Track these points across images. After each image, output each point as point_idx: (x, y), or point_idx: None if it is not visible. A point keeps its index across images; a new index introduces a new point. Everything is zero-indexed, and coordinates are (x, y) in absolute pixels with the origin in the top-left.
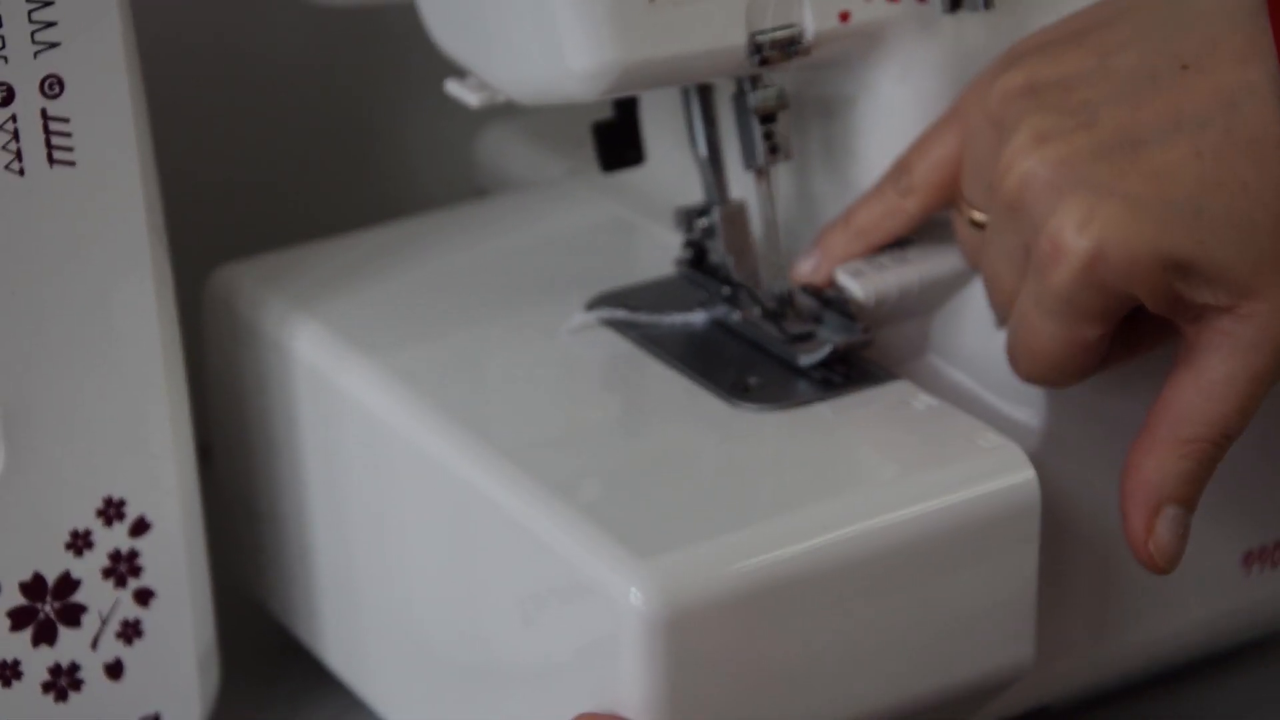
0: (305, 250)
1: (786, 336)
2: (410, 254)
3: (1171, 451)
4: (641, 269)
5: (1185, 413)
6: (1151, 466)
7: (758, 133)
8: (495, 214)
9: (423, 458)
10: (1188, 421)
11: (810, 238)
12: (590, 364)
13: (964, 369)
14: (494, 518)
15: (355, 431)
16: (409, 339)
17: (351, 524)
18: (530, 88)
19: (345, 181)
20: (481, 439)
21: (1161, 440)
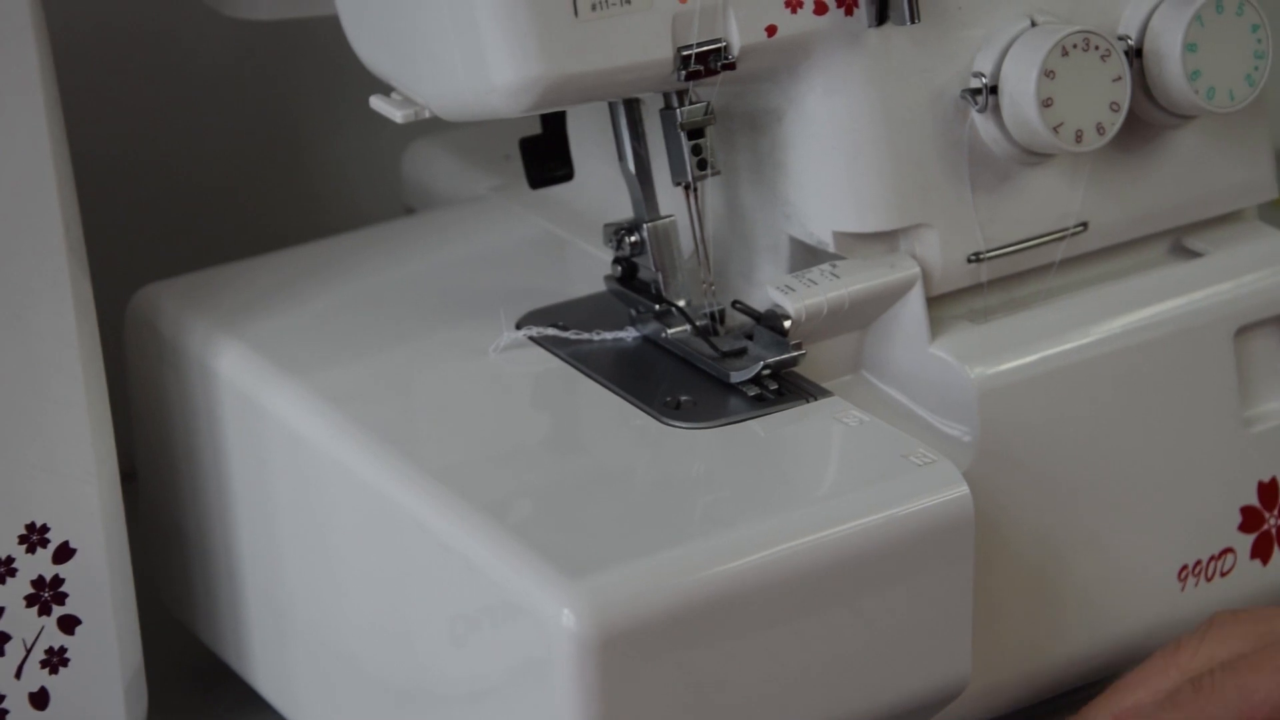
0: (230, 269)
1: (718, 353)
2: (337, 272)
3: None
4: (571, 286)
5: None
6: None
7: (686, 148)
8: (423, 231)
9: (351, 479)
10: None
11: (740, 252)
12: (520, 382)
13: (896, 385)
14: (423, 539)
15: (282, 453)
16: (336, 359)
17: (280, 546)
18: (455, 103)
19: (271, 198)
20: (410, 459)
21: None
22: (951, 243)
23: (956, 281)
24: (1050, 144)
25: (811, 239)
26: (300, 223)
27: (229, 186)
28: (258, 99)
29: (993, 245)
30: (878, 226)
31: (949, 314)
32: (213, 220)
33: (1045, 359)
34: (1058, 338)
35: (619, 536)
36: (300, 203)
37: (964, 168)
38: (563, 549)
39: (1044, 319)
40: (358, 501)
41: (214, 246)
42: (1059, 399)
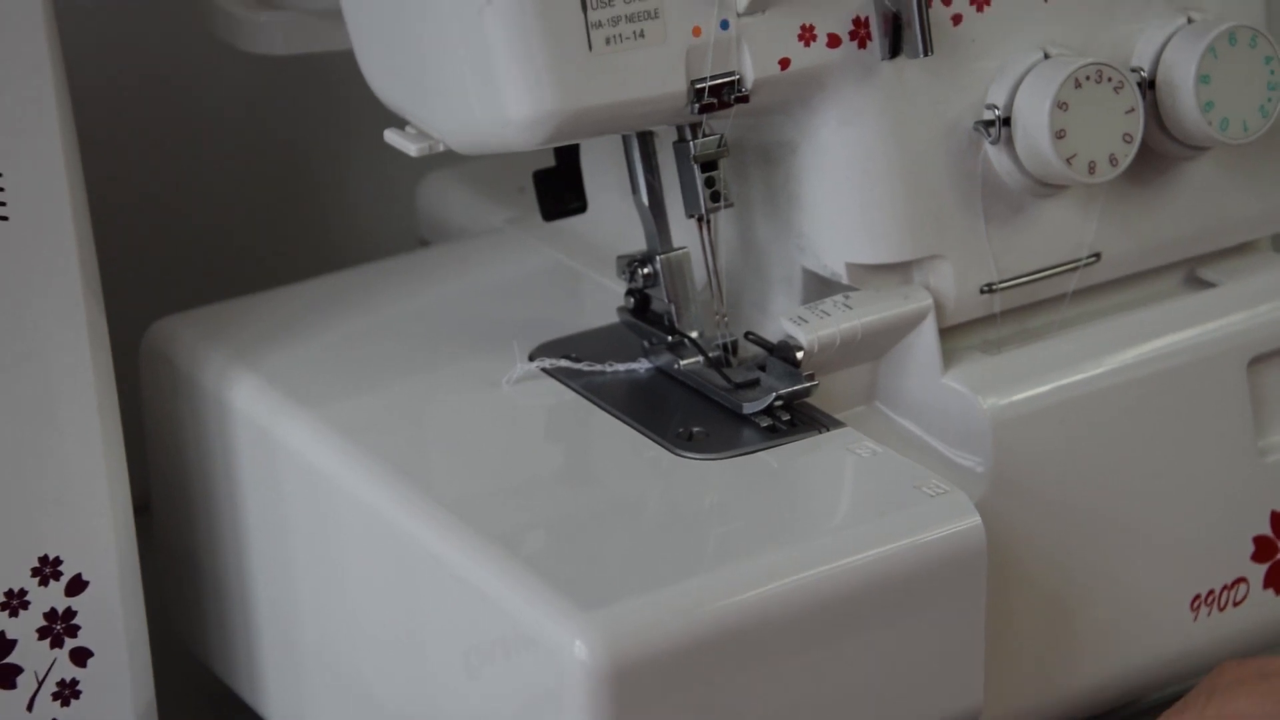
0: (245, 302)
1: (730, 384)
2: (351, 305)
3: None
4: (584, 318)
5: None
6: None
7: (699, 180)
8: (437, 263)
9: (365, 511)
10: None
11: (753, 284)
12: (533, 414)
13: (909, 416)
14: (437, 571)
15: (297, 485)
16: (350, 391)
17: (293, 578)
18: (469, 137)
19: (285, 232)
20: (424, 491)
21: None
22: (965, 274)
23: (970, 312)
24: (1063, 175)
25: (825, 270)
26: (314, 256)
27: (244, 220)
28: (272, 133)
29: (1006, 276)
30: (891, 258)
31: (962, 345)
32: (227, 254)
33: (1058, 389)
34: (1071, 368)
35: (631, 568)
36: (314, 236)
37: (977, 199)
38: (575, 581)
39: (1057, 350)
40: (371, 533)
41: (229, 280)
42: (1072, 429)
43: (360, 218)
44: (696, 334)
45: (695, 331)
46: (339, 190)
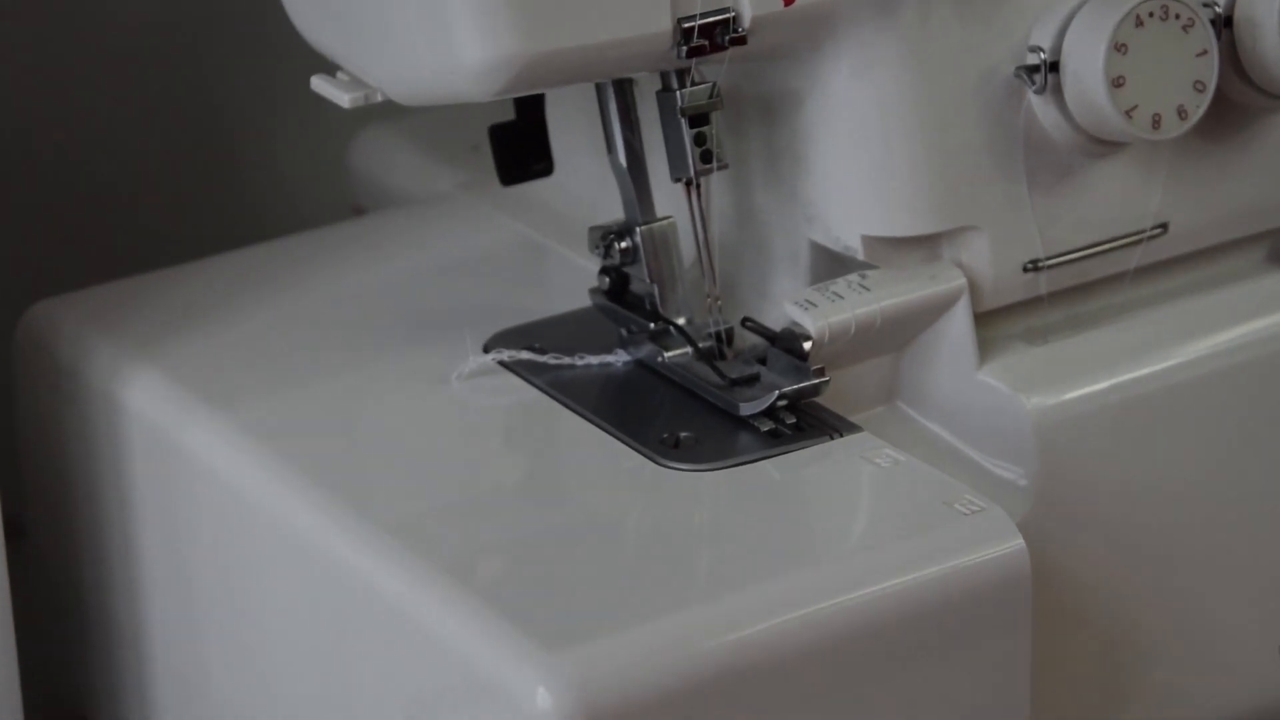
0: (141, 281)
1: (725, 381)
2: (272, 285)
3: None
4: (550, 301)
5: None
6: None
7: (687, 137)
8: (374, 236)
9: (288, 534)
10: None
11: (752, 261)
12: (489, 416)
13: (938, 418)
14: (374, 605)
15: (203, 503)
16: (269, 389)
17: (198, 615)
18: (414, 85)
19: (192, 197)
20: (358, 511)
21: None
22: (1004, 249)
23: (1010, 294)
24: (1122, 131)
25: (837, 245)
26: (227, 226)
27: (142, 182)
28: (179, 78)
29: (1054, 251)
30: (916, 230)
31: (1001, 333)
32: (120, 223)
33: (1117, 387)
34: (1132, 361)
35: (606, 602)
36: (228, 202)
37: (1019, 160)
38: (539, 617)
39: (1115, 339)
40: (295, 561)
41: (121, 255)
42: (1133, 435)
43: (282, 180)
44: (684, 320)
45: (683, 317)
46: (257, 148)
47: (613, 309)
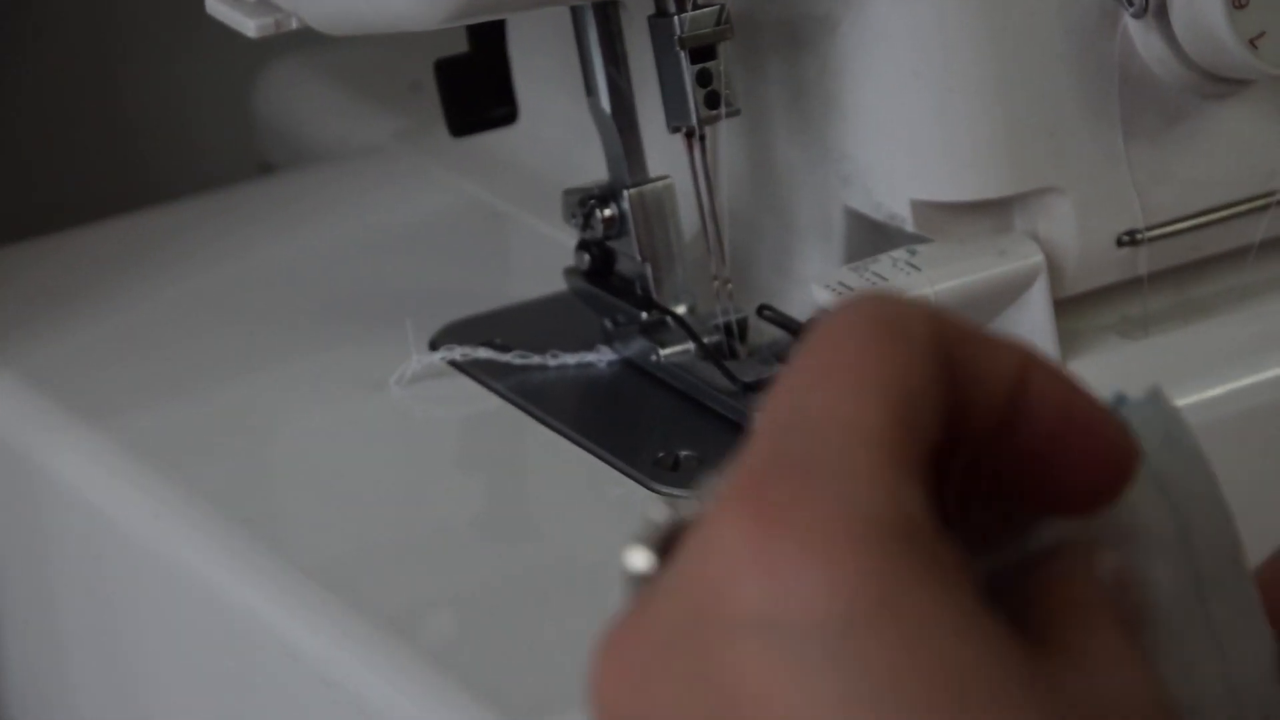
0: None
1: (736, 385)
2: (157, 262)
3: None
4: (514, 283)
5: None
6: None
7: (688, 75)
8: (286, 198)
9: (180, 578)
10: None
11: (772, 232)
12: (438, 430)
13: None
14: (292, 668)
15: (71, 538)
16: (155, 396)
17: (66, 673)
18: (339, 9)
19: (62, 150)
20: (272, 550)
21: None
22: (1093, 217)
23: (1101, 275)
24: (1245, 65)
25: (880, 211)
26: (100, 186)
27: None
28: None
29: (1156, 220)
30: (981, 194)
31: (1090, 324)
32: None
33: (1235, 393)
34: (1255, 360)
35: (583, 669)
36: (106, 156)
37: (1112, 104)
38: (500, 686)
39: (1233, 331)
40: (190, 614)
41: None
42: (1255, 450)
43: (173, 130)
44: (684, 309)
45: (682, 305)
46: (142, 88)
47: (594, 294)
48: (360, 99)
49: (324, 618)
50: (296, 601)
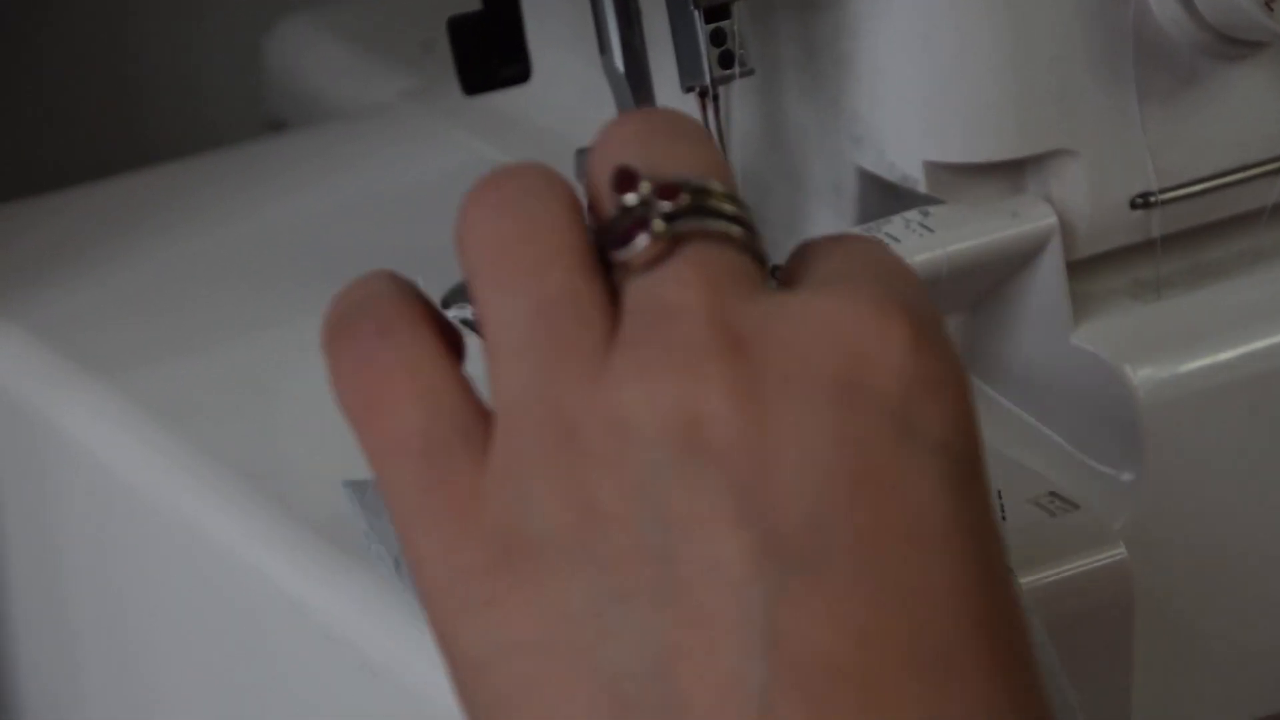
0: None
1: None
2: (165, 220)
3: None
4: None
5: None
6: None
7: (702, 34)
8: (296, 157)
9: (186, 533)
10: None
11: (783, 193)
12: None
13: (1019, 395)
14: (297, 622)
15: (78, 495)
16: (162, 353)
17: (70, 630)
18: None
19: (64, 107)
20: (277, 506)
21: None
22: (1107, 179)
23: (1115, 238)
24: (1260, 26)
25: (892, 173)
26: (114, 143)
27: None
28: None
29: (1171, 183)
30: (993, 155)
31: (1103, 287)
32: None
33: (1249, 356)
34: (1267, 324)
35: None
36: (115, 113)
37: (1127, 64)
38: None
39: (1248, 295)
40: (197, 568)
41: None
42: (1269, 418)
43: (182, 87)
44: None
45: None
46: (151, 46)
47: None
48: (372, 57)
49: (331, 574)
50: (304, 558)
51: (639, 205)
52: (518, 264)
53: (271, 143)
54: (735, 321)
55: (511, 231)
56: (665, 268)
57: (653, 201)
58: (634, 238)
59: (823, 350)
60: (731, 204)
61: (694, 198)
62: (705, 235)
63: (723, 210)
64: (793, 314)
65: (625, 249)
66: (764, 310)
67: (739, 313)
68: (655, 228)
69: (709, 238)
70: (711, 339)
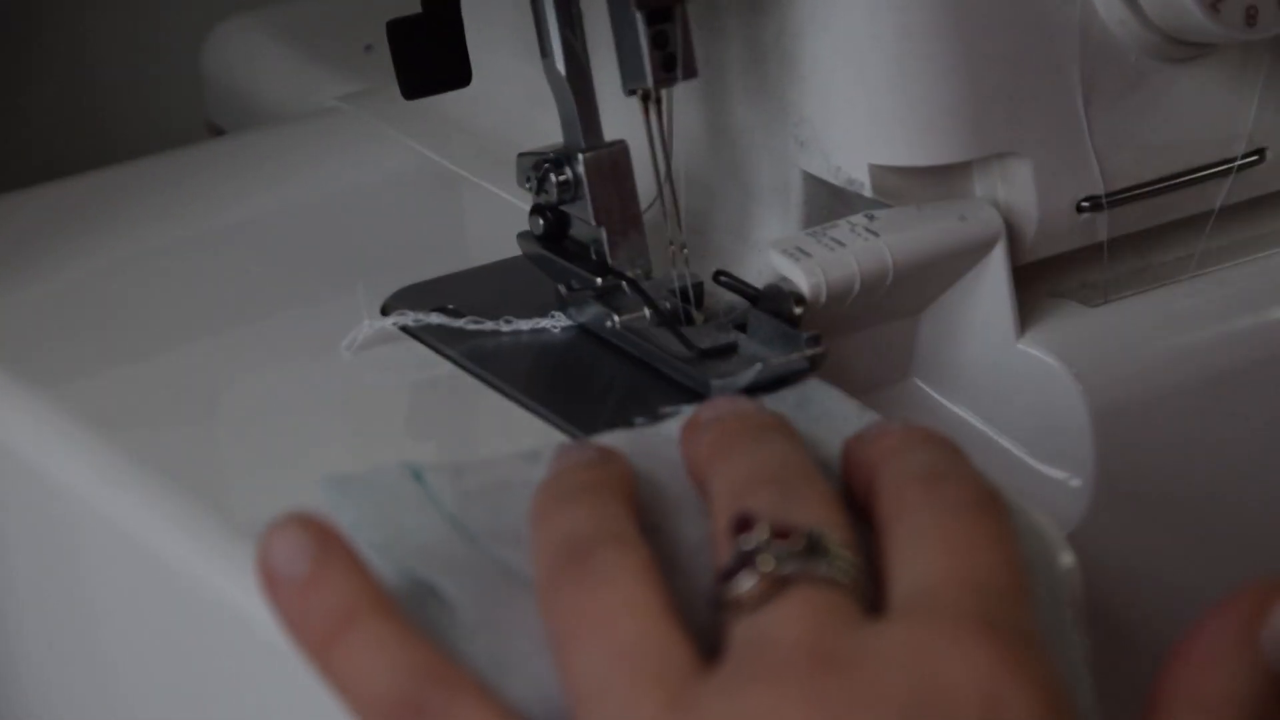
0: None
1: (692, 351)
2: (104, 225)
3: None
4: (467, 248)
5: None
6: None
7: (644, 36)
8: (236, 162)
9: (126, 543)
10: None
11: (729, 197)
12: (389, 397)
13: (966, 400)
14: (239, 633)
15: (18, 502)
16: (101, 360)
17: (18, 651)
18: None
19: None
20: (217, 516)
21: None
22: (1054, 182)
23: (1062, 241)
24: (1206, 28)
25: (837, 176)
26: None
27: None
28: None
29: (1117, 186)
30: (940, 158)
31: (1050, 290)
32: None
33: (1196, 360)
34: (1216, 327)
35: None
36: (58, 117)
37: (1073, 68)
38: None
39: (1195, 299)
40: (139, 578)
41: None
42: (1216, 421)
43: (118, 91)
44: (640, 274)
45: (638, 270)
46: (94, 49)
47: (548, 259)
48: (312, 60)
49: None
50: (244, 569)
51: (754, 548)
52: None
53: (212, 146)
54: (828, 648)
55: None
56: (772, 607)
57: (768, 544)
58: (741, 575)
59: (904, 672)
60: (842, 548)
61: (808, 540)
62: (812, 579)
63: (832, 552)
64: (882, 642)
65: (733, 585)
66: (857, 640)
67: (832, 642)
68: (763, 566)
69: (816, 581)
70: (802, 661)
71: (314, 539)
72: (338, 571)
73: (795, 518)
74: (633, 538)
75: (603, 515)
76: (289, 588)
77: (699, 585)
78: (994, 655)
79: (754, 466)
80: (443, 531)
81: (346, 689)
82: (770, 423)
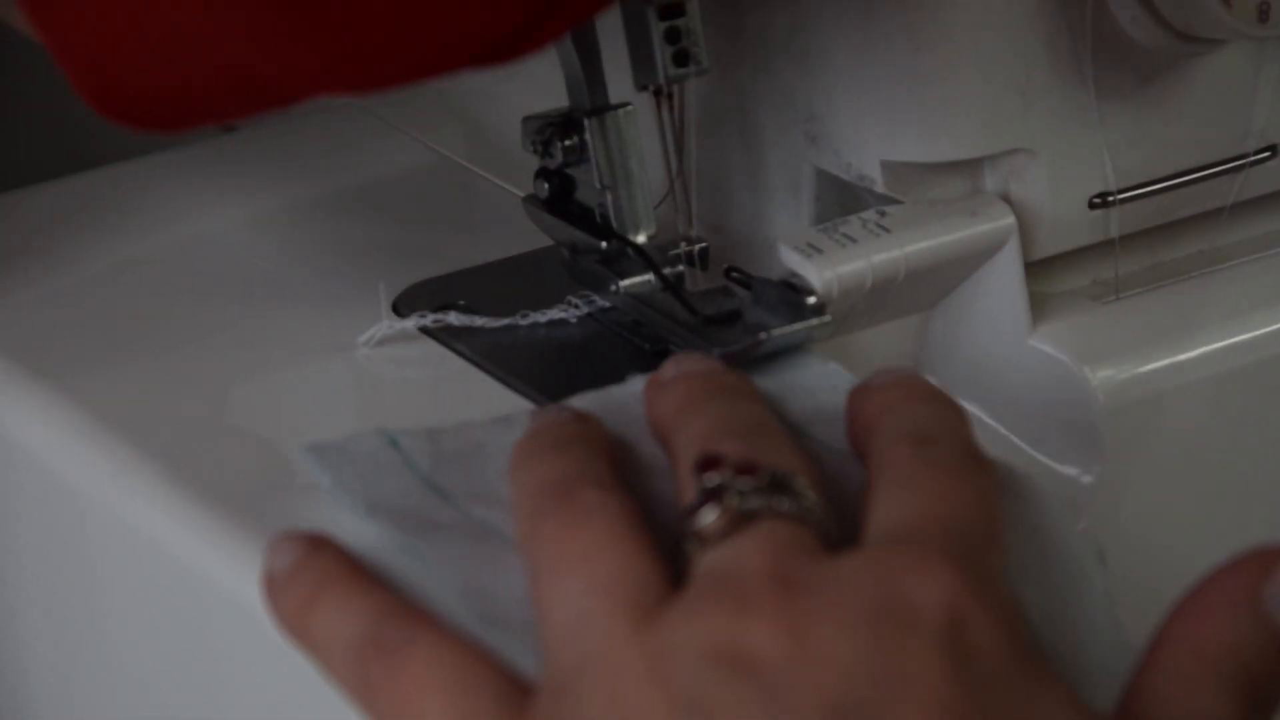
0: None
1: (695, 316)
2: (114, 222)
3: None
4: (477, 242)
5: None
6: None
7: (656, 33)
8: (248, 158)
9: (137, 540)
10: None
11: (742, 192)
12: (401, 394)
13: (977, 395)
14: (249, 630)
15: (26, 497)
16: (116, 358)
17: (25, 646)
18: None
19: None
20: (230, 514)
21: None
22: (1066, 179)
23: (1073, 238)
24: (1218, 24)
25: (849, 172)
26: (64, 141)
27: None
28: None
29: (1130, 183)
30: (951, 155)
31: (1061, 286)
32: None
33: (1208, 357)
34: (1228, 324)
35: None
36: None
37: (1085, 65)
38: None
39: (1207, 295)
40: (147, 575)
41: None
42: (1227, 418)
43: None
44: (644, 238)
45: (644, 234)
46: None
47: (549, 220)
48: None
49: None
50: (253, 566)
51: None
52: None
53: (222, 142)
54: (790, 573)
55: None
56: (736, 539)
57: (731, 480)
58: (705, 509)
59: (868, 589)
60: (807, 489)
61: (772, 477)
62: (775, 514)
63: (797, 490)
64: (846, 567)
65: (697, 519)
66: (819, 567)
67: (795, 569)
68: (728, 502)
69: (779, 516)
70: (764, 586)
71: (304, 541)
72: (316, 558)
73: (760, 460)
74: (612, 483)
75: (583, 461)
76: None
77: (671, 540)
78: (957, 578)
79: (717, 421)
80: (421, 494)
81: (319, 652)
82: (733, 382)
